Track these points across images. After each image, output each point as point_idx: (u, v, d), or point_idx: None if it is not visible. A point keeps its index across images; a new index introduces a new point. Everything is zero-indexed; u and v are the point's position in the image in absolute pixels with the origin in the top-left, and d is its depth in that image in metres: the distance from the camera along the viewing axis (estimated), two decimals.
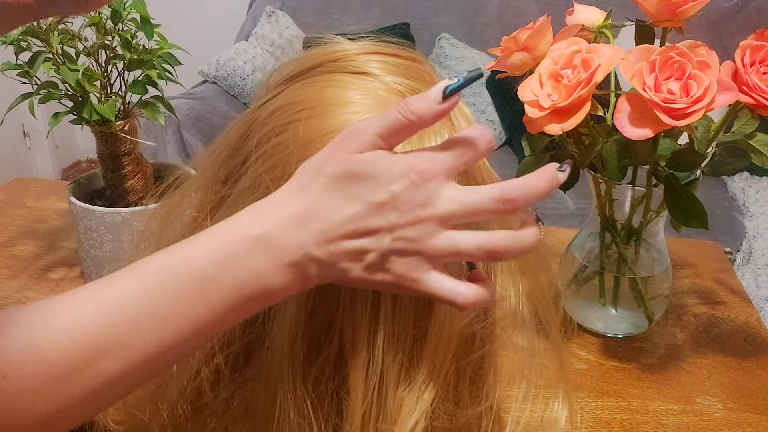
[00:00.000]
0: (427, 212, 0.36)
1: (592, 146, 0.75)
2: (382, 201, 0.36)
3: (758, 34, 0.69)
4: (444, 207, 0.36)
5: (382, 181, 0.36)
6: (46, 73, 0.82)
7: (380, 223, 0.36)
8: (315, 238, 0.36)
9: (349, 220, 0.36)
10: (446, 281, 0.37)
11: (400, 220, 0.36)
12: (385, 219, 0.36)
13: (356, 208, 0.36)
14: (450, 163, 0.37)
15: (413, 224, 0.36)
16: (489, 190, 0.37)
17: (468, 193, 0.37)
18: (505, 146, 2.45)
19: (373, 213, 0.36)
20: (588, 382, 0.79)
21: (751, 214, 2.03)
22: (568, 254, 0.88)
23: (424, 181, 0.36)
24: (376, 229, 0.36)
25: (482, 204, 0.37)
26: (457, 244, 0.37)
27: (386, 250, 0.36)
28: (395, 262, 0.37)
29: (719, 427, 0.73)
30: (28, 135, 2.91)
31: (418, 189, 0.36)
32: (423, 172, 0.36)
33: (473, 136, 0.38)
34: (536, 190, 0.38)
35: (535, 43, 0.72)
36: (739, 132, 0.73)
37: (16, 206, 1.16)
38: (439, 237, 0.36)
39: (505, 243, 0.37)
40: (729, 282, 1.00)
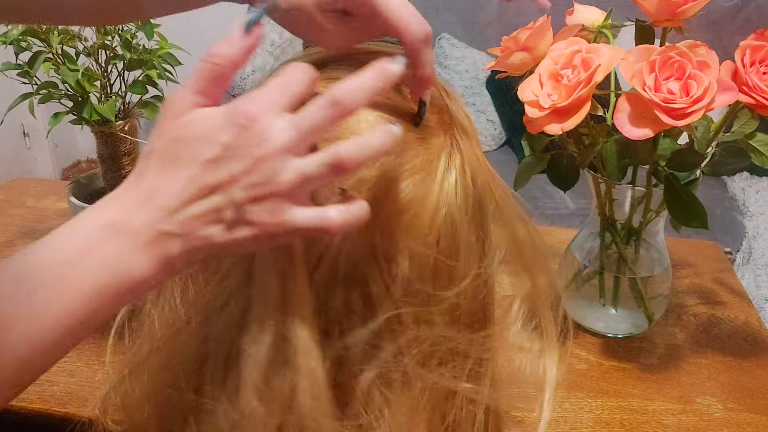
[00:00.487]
0: (264, 150, 0.34)
1: (592, 146, 0.75)
2: (215, 155, 0.34)
3: (758, 34, 0.69)
4: (280, 138, 0.34)
5: (210, 136, 0.34)
6: (46, 73, 0.82)
7: (221, 177, 0.34)
8: (160, 213, 0.34)
9: (188, 184, 0.34)
10: (308, 212, 0.35)
11: (240, 167, 0.34)
12: (225, 171, 0.34)
13: (191, 170, 0.34)
14: (275, 96, 0.35)
15: (255, 167, 0.34)
16: (316, 101, 0.35)
17: (300, 115, 0.35)
18: (505, 146, 2.45)
19: (210, 169, 0.34)
20: (588, 382, 0.79)
21: (751, 214, 2.03)
22: (568, 254, 0.88)
23: (252, 120, 0.34)
24: (218, 184, 0.34)
25: (315, 116, 0.35)
26: (303, 170, 0.35)
27: (239, 202, 0.34)
28: (254, 212, 0.35)
29: (719, 427, 0.73)
30: (28, 135, 2.91)
31: (248, 131, 0.34)
32: (248, 112, 0.34)
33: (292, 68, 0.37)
34: (365, 84, 0.35)
35: (535, 43, 0.72)
36: (739, 132, 0.73)
37: (16, 206, 1.16)
38: (286, 170, 0.34)
39: (350, 150, 0.35)
40: (729, 282, 1.00)
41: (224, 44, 0.36)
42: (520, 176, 0.80)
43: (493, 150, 2.42)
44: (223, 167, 0.34)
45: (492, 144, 2.42)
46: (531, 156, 0.81)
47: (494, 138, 2.42)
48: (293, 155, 0.35)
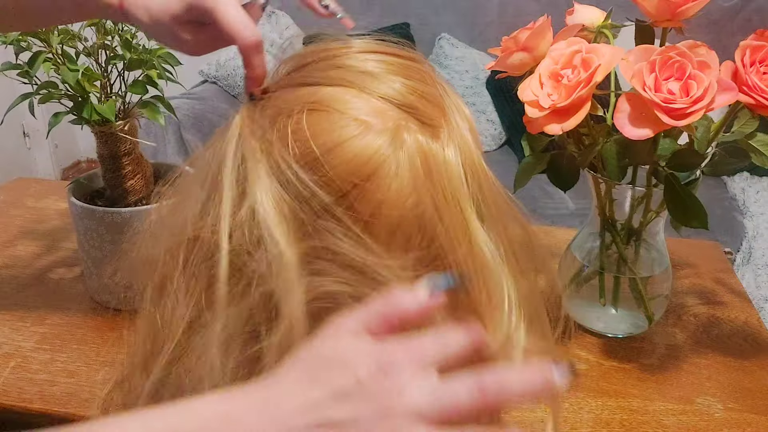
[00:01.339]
0: (396, 404, 0.33)
1: (592, 146, 0.75)
2: (347, 387, 0.33)
3: (758, 34, 0.69)
4: (415, 399, 0.33)
5: (349, 364, 0.34)
6: (46, 73, 0.82)
7: (345, 414, 0.33)
8: (276, 424, 0.34)
9: (313, 407, 0.34)
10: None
11: (366, 410, 0.33)
12: (352, 409, 0.33)
13: (319, 392, 0.34)
14: (428, 350, 0.35)
15: (381, 418, 0.33)
16: (464, 382, 0.34)
17: (443, 385, 0.34)
18: (505, 146, 2.45)
19: (338, 401, 0.34)
20: (588, 382, 0.79)
21: (751, 214, 2.03)
22: (568, 254, 0.88)
23: (395, 368, 0.34)
24: (341, 421, 0.33)
25: (457, 396, 0.33)
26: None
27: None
28: None
29: (719, 427, 0.73)
30: (28, 135, 2.91)
31: (387, 377, 0.33)
32: (394, 358, 0.34)
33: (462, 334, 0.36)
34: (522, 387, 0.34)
35: (535, 43, 0.72)
36: (739, 132, 0.73)
37: (16, 206, 1.16)
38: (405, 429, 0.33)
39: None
40: (729, 282, 1.00)
41: (408, 296, 0.36)
42: (520, 176, 0.80)
43: (493, 150, 2.42)
44: (350, 404, 0.33)
45: (492, 144, 2.42)
46: (531, 156, 0.81)
47: (494, 138, 2.42)
48: (422, 422, 0.33)
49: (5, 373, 0.77)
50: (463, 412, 0.34)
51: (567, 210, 2.01)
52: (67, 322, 0.86)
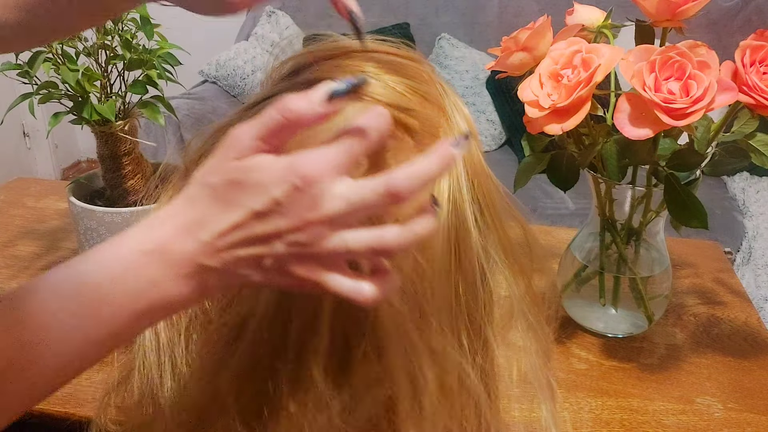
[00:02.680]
0: (314, 215, 0.35)
1: (592, 146, 0.75)
2: (266, 208, 0.35)
3: (758, 34, 0.69)
4: (331, 207, 0.35)
5: (263, 186, 0.35)
6: (46, 73, 0.82)
7: (268, 230, 0.35)
8: (205, 248, 0.36)
9: (235, 229, 0.36)
10: (346, 282, 0.36)
11: (288, 225, 0.35)
12: (273, 225, 0.35)
13: (241, 216, 0.35)
14: (336, 160, 0.36)
15: (302, 229, 0.35)
16: (374, 185, 0.35)
17: (354, 190, 0.35)
18: (505, 146, 2.45)
19: (258, 221, 0.35)
20: (588, 382, 0.79)
21: (751, 214, 2.03)
22: (568, 254, 0.88)
23: (308, 184, 0.35)
24: (264, 235, 0.35)
25: (369, 200, 0.35)
26: (348, 245, 0.36)
27: (281, 255, 0.36)
28: (293, 266, 0.36)
29: (719, 427, 0.73)
30: (28, 135, 2.91)
31: (301, 192, 0.35)
32: (305, 175, 0.35)
33: (363, 125, 0.36)
34: (426, 175, 0.36)
35: (535, 43, 0.72)
36: (739, 132, 0.73)
37: (16, 206, 1.16)
38: (332, 239, 0.35)
39: (395, 240, 0.36)
40: (729, 282, 1.00)
41: (301, 101, 0.36)
42: (520, 176, 0.80)
43: (493, 150, 2.42)
44: (270, 222, 0.35)
45: (492, 144, 2.42)
46: (531, 156, 0.81)
47: (494, 138, 2.42)
48: (339, 226, 0.35)
49: None
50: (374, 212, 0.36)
51: (567, 210, 2.01)
52: None
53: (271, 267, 0.36)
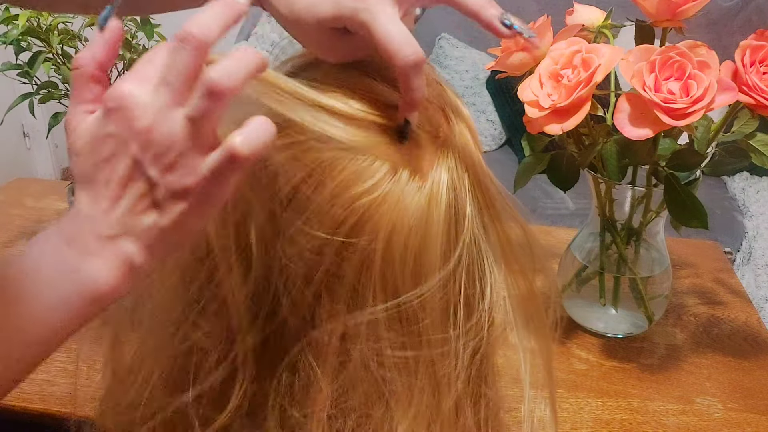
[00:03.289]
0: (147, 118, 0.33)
1: (592, 146, 0.75)
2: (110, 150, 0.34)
3: (758, 34, 0.69)
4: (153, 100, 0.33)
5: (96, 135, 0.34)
6: (46, 73, 0.82)
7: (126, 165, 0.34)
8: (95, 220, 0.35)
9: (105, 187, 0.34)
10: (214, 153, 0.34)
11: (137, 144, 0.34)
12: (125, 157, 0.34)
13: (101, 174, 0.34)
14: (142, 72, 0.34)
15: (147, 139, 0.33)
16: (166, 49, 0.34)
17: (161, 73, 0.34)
18: (505, 146, 2.45)
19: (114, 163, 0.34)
20: (588, 382, 0.79)
21: (751, 214, 2.03)
22: (568, 254, 0.88)
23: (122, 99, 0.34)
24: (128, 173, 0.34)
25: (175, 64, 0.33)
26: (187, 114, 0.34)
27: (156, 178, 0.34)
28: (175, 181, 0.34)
29: (719, 427, 0.73)
30: (28, 135, 2.91)
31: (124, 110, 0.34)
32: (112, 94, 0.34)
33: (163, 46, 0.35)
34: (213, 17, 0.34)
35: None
36: (739, 132, 0.73)
37: (16, 206, 1.16)
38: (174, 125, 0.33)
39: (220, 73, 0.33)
40: (729, 282, 1.00)
41: (84, 50, 0.36)
42: (520, 176, 0.80)
43: (493, 150, 2.41)
44: (122, 156, 0.34)
45: (492, 144, 2.42)
46: (531, 156, 0.81)
47: (494, 138, 2.42)
48: (177, 107, 0.34)
49: None
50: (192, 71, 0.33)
51: (567, 210, 2.01)
52: None
53: (162, 198, 0.34)
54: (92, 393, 0.75)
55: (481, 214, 0.44)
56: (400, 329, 0.42)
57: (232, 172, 0.34)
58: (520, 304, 0.46)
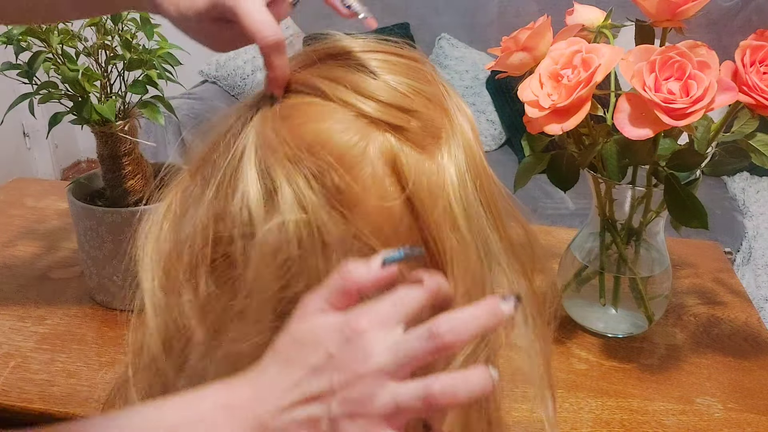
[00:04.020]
0: (363, 368, 0.36)
1: (592, 146, 0.75)
2: (321, 363, 0.36)
3: (758, 34, 0.69)
4: (379, 359, 0.36)
5: (319, 343, 0.37)
6: (46, 73, 0.82)
7: (323, 386, 0.36)
8: (269, 410, 0.37)
9: (294, 386, 0.37)
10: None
11: (340, 379, 0.36)
12: (327, 381, 0.36)
13: (298, 373, 0.37)
14: (386, 313, 0.37)
15: (354, 383, 0.36)
16: (418, 332, 0.36)
17: (400, 339, 0.36)
18: (505, 146, 2.45)
19: (314, 376, 0.36)
20: (588, 382, 0.79)
21: (751, 214, 2.03)
22: (568, 254, 0.88)
23: (358, 334, 0.36)
24: (320, 393, 0.36)
25: (414, 347, 0.36)
26: (396, 398, 0.36)
27: (335, 416, 0.36)
28: (348, 427, 0.36)
29: (719, 427, 0.73)
30: (28, 135, 2.91)
31: (352, 344, 0.36)
32: (356, 326, 0.36)
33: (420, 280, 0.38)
34: (472, 324, 0.37)
35: (535, 43, 0.72)
36: (739, 132, 0.73)
37: (16, 206, 1.16)
38: (382, 395, 0.36)
39: (445, 390, 0.36)
40: (729, 282, 1.00)
41: (361, 267, 0.38)
42: (520, 176, 0.80)
43: (493, 150, 2.42)
44: (325, 376, 0.36)
45: (492, 144, 2.42)
46: (531, 156, 0.81)
47: (494, 138, 2.42)
48: (390, 379, 0.36)
49: (5, 373, 0.77)
50: (422, 360, 0.36)
51: (567, 210, 2.01)
52: (67, 322, 0.86)
53: (326, 430, 0.36)
54: (92, 393, 0.75)
55: (484, 213, 0.44)
56: None
57: None
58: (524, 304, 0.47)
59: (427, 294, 0.38)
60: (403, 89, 0.43)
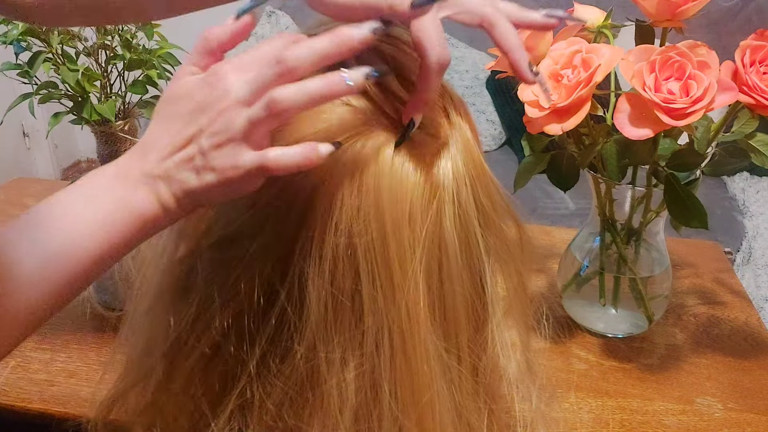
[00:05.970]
0: (224, 104, 0.39)
1: (592, 146, 0.75)
2: (191, 110, 0.40)
3: (758, 34, 0.69)
4: (235, 93, 0.39)
5: (189, 94, 0.40)
6: (46, 73, 0.82)
7: (193, 129, 0.40)
8: (152, 161, 0.41)
9: (174, 137, 0.40)
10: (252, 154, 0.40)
11: (206, 119, 0.39)
12: (196, 124, 0.40)
13: (175, 125, 0.41)
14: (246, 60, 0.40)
15: (217, 118, 0.39)
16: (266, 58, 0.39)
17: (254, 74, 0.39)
18: (505, 146, 2.45)
19: (188, 123, 0.40)
20: (588, 382, 0.79)
21: (751, 214, 2.03)
22: (568, 254, 0.88)
23: (218, 79, 0.39)
24: (191, 135, 0.40)
25: (264, 75, 0.39)
26: (249, 115, 0.39)
27: (205, 149, 0.40)
28: (216, 158, 0.40)
29: (719, 427, 0.73)
30: (28, 135, 2.91)
31: (215, 88, 0.39)
32: (217, 72, 0.40)
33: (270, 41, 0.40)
34: (315, 47, 0.39)
35: (535, 43, 0.72)
36: (739, 132, 0.73)
37: (16, 206, 1.16)
38: (238, 119, 0.39)
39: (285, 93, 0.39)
40: (729, 282, 1.00)
41: (217, 28, 0.42)
42: (520, 176, 0.80)
43: (493, 150, 2.41)
44: (196, 120, 0.40)
45: (492, 144, 2.42)
46: (531, 156, 0.81)
47: (494, 138, 2.42)
48: (245, 106, 0.39)
49: (5, 373, 0.77)
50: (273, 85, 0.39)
51: (567, 210, 2.01)
52: (67, 322, 0.86)
53: (201, 165, 0.40)
54: (92, 393, 0.75)
55: (483, 214, 0.44)
56: None
57: (258, 175, 0.40)
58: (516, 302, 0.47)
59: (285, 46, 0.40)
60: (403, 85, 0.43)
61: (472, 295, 0.44)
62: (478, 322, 0.45)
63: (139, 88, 0.85)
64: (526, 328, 0.48)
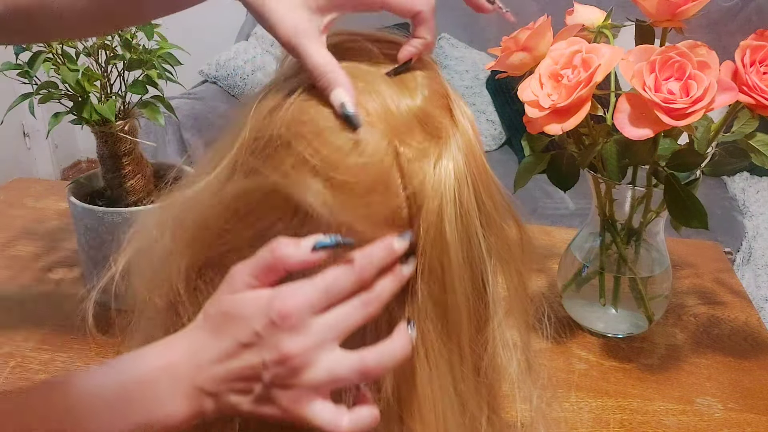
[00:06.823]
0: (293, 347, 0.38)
1: (592, 146, 0.75)
2: (248, 340, 0.39)
3: (758, 34, 0.69)
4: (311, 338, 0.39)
5: (246, 321, 0.39)
6: (46, 73, 0.82)
7: (254, 360, 0.39)
8: (202, 373, 0.40)
9: (227, 357, 0.39)
10: (326, 413, 0.39)
11: (270, 356, 0.38)
12: (257, 356, 0.39)
13: (230, 346, 0.39)
14: (311, 296, 0.39)
15: (283, 360, 0.38)
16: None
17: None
18: (505, 146, 2.45)
19: (244, 351, 0.39)
20: (588, 382, 0.79)
21: (751, 214, 2.03)
22: (568, 254, 0.88)
23: (283, 318, 0.38)
24: (251, 366, 0.39)
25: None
26: (333, 373, 0.39)
27: (268, 383, 0.39)
28: (278, 395, 0.39)
29: (719, 427, 0.73)
30: (28, 135, 2.91)
31: (277, 327, 0.38)
32: (282, 308, 0.38)
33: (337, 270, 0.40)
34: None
35: (535, 43, 0.72)
36: (739, 132, 0.73)
37: (16, 206, 1.16)
38: (316, 367, 0.38)
39: (376, 362, 0.39)
40: (729, 282, 1.00)
41: (291, 247, 0.40)
42: (520, 176, 0.80)
43: (493, 150, 2.42)
44: (254, 352, 0.39)
45: (492, 144, 2.42)
46: (531, 156, 0.81)
47: (494, 138, 2.42)
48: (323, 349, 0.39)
49: (5, 373, 0.77)
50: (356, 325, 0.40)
51: (567, 210, 2.01)
52: (67, 322, 0.86)
53: (259, 395, 0.39)
54: None
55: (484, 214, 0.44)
56: None
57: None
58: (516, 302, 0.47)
59: (355, 278, 0.40)
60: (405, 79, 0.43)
61: (474, 294, 0.44)
62: (480, 321, 0.45)
63: (139, 88, 0.85)
64: (526, 328, 0.48)
